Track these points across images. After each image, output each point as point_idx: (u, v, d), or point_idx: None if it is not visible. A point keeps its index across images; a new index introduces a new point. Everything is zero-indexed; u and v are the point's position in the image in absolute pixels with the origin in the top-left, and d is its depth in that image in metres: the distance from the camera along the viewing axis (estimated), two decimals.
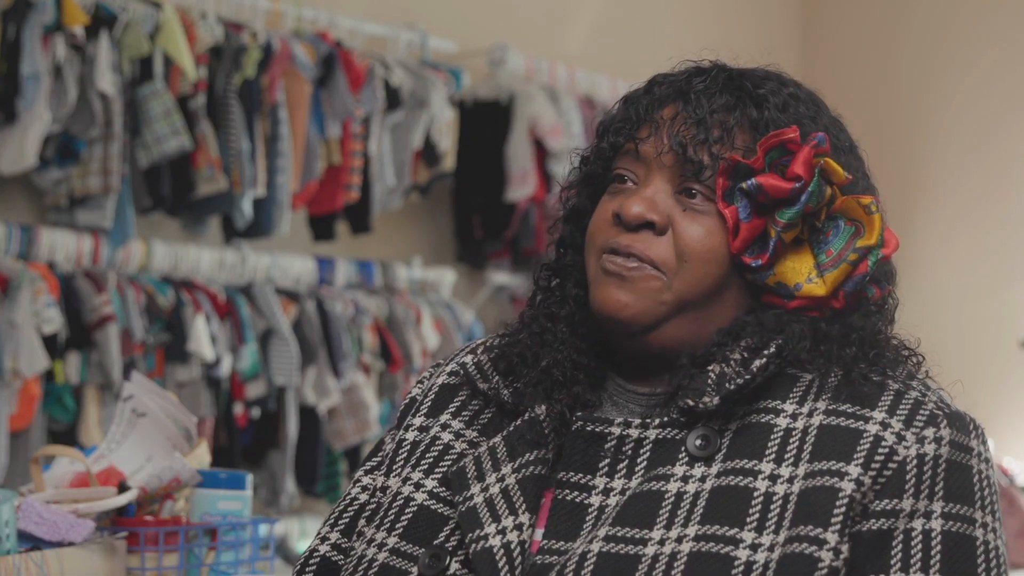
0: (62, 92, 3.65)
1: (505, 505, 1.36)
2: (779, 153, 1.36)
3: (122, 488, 1.84)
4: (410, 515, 1.40)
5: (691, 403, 1.34)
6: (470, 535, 1.35)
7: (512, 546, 1.33)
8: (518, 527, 1.34)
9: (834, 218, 1.38)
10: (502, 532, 1.34)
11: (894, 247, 1.38)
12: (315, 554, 1.47)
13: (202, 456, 1.97)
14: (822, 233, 1.37)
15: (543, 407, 1.39)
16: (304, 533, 4.40)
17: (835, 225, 1.38)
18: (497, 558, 1.33)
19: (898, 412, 1.33)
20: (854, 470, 1.29)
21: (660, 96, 1.41)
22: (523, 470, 1.37)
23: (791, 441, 1.32)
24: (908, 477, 1.30)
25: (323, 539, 1.48)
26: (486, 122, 4.79)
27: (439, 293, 4.72)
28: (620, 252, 1.37)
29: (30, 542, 1.74)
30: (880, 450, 1.30)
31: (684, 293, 1.37)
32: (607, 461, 1.36)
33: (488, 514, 1.35)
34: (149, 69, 3.84)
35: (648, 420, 1.37)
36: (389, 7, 4.79)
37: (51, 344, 3.64)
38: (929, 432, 1.32)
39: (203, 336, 3.89)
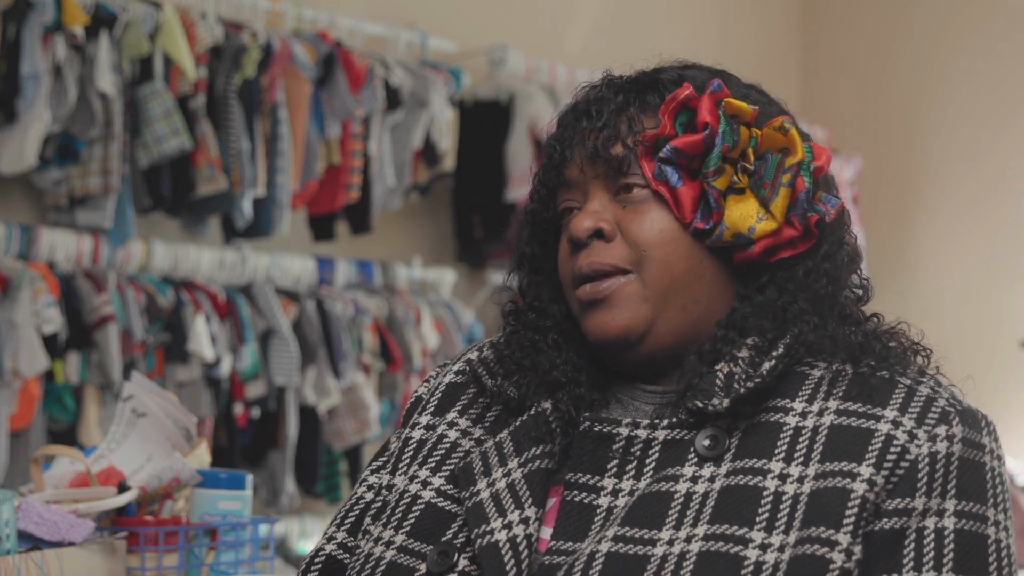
0: (62, 92, 3.64)
1: (511, 499, 1.35)
2: (686, 116, 1.38)
3: (122, 488, 1.84)
4: (417, 512, 1.40)
5: (700, 404, 1.34)
6: (476, 530, 1.34)
7: (518, 540, 1.33)
8: (524, 521, 1.34)
9: (763, 156, 1.39)
10: (508, 526, 1.34)
11: (827, 159, 1.39)
12: (320, 553, 1.47)
13: (202, 456, 1.96)
14: (757, 174, 1.38)
15: (549, 402, 1.40)
16: (304, 533, 4.39)
17: (765, 161, 1.38)
18: (503, 552, 1.32)
19: (910, 410, 1.33)
20: (866, 470, 1.29)
21: (567, 124, 1.44)
22: (529, 464, 1.37)
23: (801, 440, 1.32)
24: (920, 476, 1.30)
25: (329, 538, 1.48)
26: (486, 122, 4.79)
27: (439, 293, 4.72)
28: (587, 276, 1.39)
29: (30, 542, 1.74)
30: (892, 449, 1.30)
31: (659, 283, 1.37)
32: (615, 462, 1.36)
33: (494, 508, 1.35)
34: (149, 69, 3.83)
35: (656, 421, 1.37)
36: (389, 7, 4.79)
37: (51, 344, 3.63)
38: (941, 430, 1.32)
39: (203, 336, 3.88)
